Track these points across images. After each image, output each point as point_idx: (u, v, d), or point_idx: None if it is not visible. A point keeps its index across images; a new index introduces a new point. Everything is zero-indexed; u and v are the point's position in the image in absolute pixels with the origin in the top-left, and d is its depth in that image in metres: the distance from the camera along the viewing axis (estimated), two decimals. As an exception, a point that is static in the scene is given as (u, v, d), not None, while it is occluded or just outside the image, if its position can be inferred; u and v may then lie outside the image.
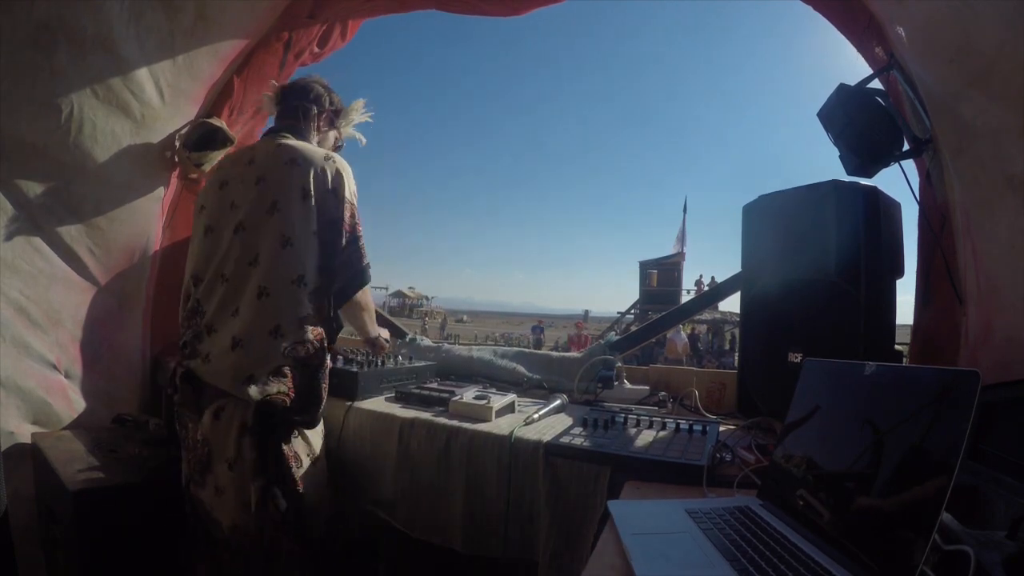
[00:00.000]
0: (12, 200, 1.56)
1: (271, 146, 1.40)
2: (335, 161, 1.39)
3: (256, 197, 1.33)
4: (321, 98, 1.53)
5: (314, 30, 1.98)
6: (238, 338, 1.25)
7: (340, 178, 1.37)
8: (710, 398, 1.62)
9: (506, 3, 1.89)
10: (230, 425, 1.25)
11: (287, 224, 1.30)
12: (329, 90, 1.57)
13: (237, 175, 1.39)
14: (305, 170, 1.34)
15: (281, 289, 1.27)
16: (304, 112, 1.49)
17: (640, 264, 18.13)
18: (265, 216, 1.31)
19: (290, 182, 1.32)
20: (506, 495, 1.23)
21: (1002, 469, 0.92)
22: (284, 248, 1.29)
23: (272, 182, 1.33)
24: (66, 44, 1.48)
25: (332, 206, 1.35)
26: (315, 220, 1.32)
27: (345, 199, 1.37)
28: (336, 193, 1.36)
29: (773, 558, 0.69)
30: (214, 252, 1.34)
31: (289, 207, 1.31)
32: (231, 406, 1.25)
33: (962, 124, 1.09)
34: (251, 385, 1.21)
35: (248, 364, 1.23)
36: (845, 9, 1.46)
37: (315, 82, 1.56)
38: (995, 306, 1.11)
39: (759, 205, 1.41)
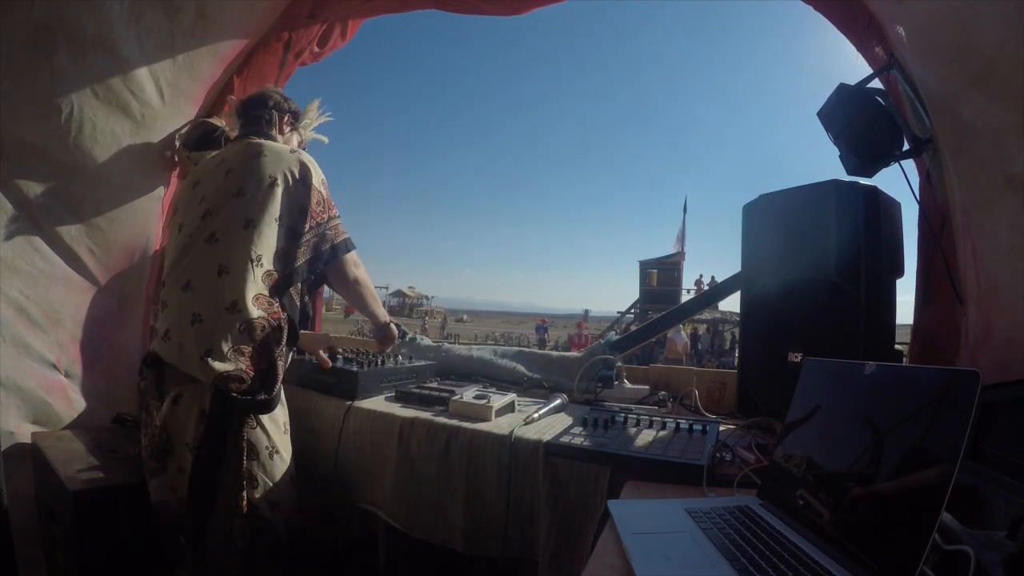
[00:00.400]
0: (12, 200, 1.56)
1: (240, 145, 1.47)
2: (299, 154, 1.45)
3: (223, 186, 1.38)
4: (280, 104, 1.60)
5: (314, 30, 1.98)
6: (198, 314, 1.27)
7: (306, 168, 1.42)
8: (710, 398, 1.62)
9: (506, 3, 1.89)
10: (189, 411, 1.26)
11: (250, 207, 1.34)
12: (284, 96, 1.63)
13: (208, 174, 1.46)
14: (272, 160, 1.39)
15: (240, 267, 1.30)
16: (267, 119, 1.56)
17: (640, 264, 18.13)
18: (230, 200, 1.35)
19: (257, 172, 1.37)
20: (506, 495, 1.23)
21: (1002, 469, 0.92)
22: (245, 228, 1.32)
23: (239, 172, 1.39)
24: (66, 44, 1.48)
25: (301, 194, 1.40)
26: (279, 207, 1.36)
27: (313, 186, 1.41)
28: (304, 182, 1.41)
29: (773, 558, 0.69)
30: (180, 240, 1.39)
31: (254, 192, 1.35)
32: (189, 392, 1.26)
33: (962, 124, 1.09)
34: (210, 361, 1.23)
35: (206, 339, 1.25)
36: (845, 9, 1.46)
37: (270, 91, 1.63)
38: (995, 306, 1.11)
39: (759, 205, 1.41)
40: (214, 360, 1.24)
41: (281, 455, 1.36)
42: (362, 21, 2.08)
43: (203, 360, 1.23)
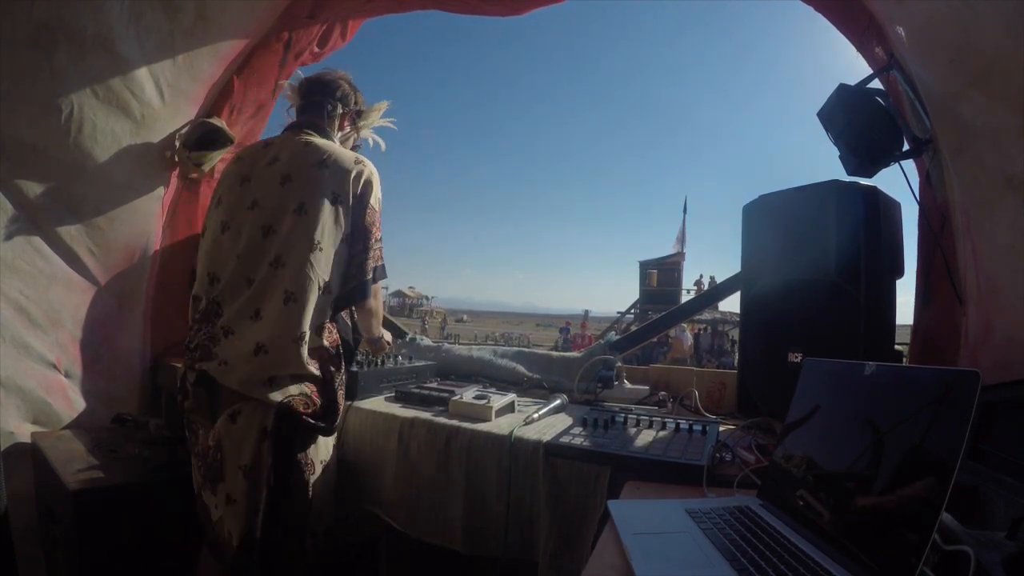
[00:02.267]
0: (12, 200, 1.56)
1: (297, 144, 1.35)
2: (365, 166, 1.36)
3: (282, 198, 1.28)
4: (347, 97, 1.49)
5: (314, 30, 1.98)
6: (263, 344, 1.20)
7: (369, 184, 1.34)
8: (710, 398, 1.62)
9: (506, 3, 1.89)
10: (248, 429, 1.20)
11: (316, 228, 1.25)
12: (355, 88, 1.53)
13: (260, 172, 1.34)
14: (335, 173, 1.30)
15: (309, 295, 1.23)
16: (329, 111, 1.45)
17: (640, 264, 18.13)
18: (293, 218, 1.26)
19: (319, 185, 1.28)
20: (506, 495, 1.23)
21: (1002, 469, 0.92)
22: (312, 253, 1.24)
23: (299, 183, 1.29)
24: (66, 44, 1.48)
25: (359, 212, 1.32)
26: (343, 225, 1.30)
27: (370, 205, 1.34)
28: (363, 199, 1.33)
29: (773, 558, 0.69)
30: (233, 251, 1.29)
31: (318, 211, 1.26)
32: (249, 409, 1.20)
33: (962, 124, 1.09)
34: (272, 388, 1.19)
35: (270, 368, 1.20)
36: (845, 9, 1.46)
37: (341, 79, 1.50)
38: (995, 306, 1.11)
39: (759, 205, 1.41)
40: (277, 388, 1.19)
41: (331, 468, 1.36)
42: (362, 21, 2.08)
43: (263, 387, 1.19)
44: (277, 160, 1.34)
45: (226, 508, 1.22)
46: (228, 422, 1.21)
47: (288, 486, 1.23)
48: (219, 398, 1.23)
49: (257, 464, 1.20)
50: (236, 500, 1.21)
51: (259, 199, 1.31)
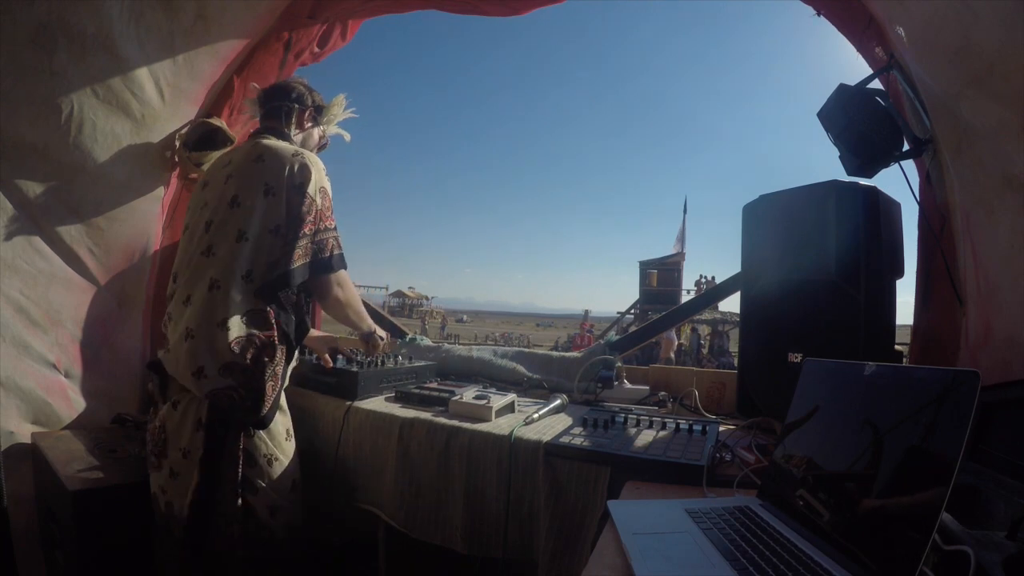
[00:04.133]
0: (12, 200, 1.56)
1: (247, 146, 1.44)
2: (303, 156, 1.39)
3: (222, 194, 1.36)
4: (303, 96, 1.54)
5: (314, 30, 1.98)
6: (190, 328, 1.28)
7: (305, 173, 1.36)
8: (710, 398, 1.62)
9: (506, 3, 1.89)
10: (185, 417, 1.28)
11: (244, 219, 1.31)
12: (310, 89, 1.58)
13: (215, 175, 1.44)
14: (270, 166, 1.35)
15: (231, 283, 1.29)
16: (286, 112, 1.51)
17: (640, 264, 18.13)
18: (227, 210, 1.33)
19: (254, 178, 1.34)
20: (506, 495, 1.23)
21: (1002, 469, 0.92)
22: (238, 242, 1.30)
23: (238, 178, 1.36)
24: (66, 44, 1.48)
25: (296, 202, 1.35)
26: (274, 216, 1.33)
27: (307, 194, 1.36)
28: (300, 189, 1.35)
29: (773, 558, 0.69)
30: (188, 249, 1.39)
31: (249, 202, 1.32)
32: (186, 400, 1.29)
33: (962, 124, 1.09)
34: (200, 379, 1.25)
35: (198, 356, 1.25)
36: (845, 9, 1.46)
37: (295, 82, 1.58)
38: (995, 306, 1.11)
39: (759, 205, 1.41)
40: (203, 377, 1.25)
41: (281, 461, 1.37)
42: (362, 21, 2.08)
43: (194, 377, 1.25)
44: (229, 163, 1.43)
45: (169, 481, 1.29)
46: (171, 408, 1.31)
47: (219, 476, 1.27)
48: (168, 385, 1.34)
49: (193, 448, 1.27)
50: (178, 474, 1.29)
51: (208, 199, 1.40)
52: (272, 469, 1.34)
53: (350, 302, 1.52)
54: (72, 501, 1.29)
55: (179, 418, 1.29)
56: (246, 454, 1.30)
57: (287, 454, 1.39)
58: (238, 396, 1.26)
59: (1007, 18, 0.85)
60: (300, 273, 1.34)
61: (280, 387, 1.36)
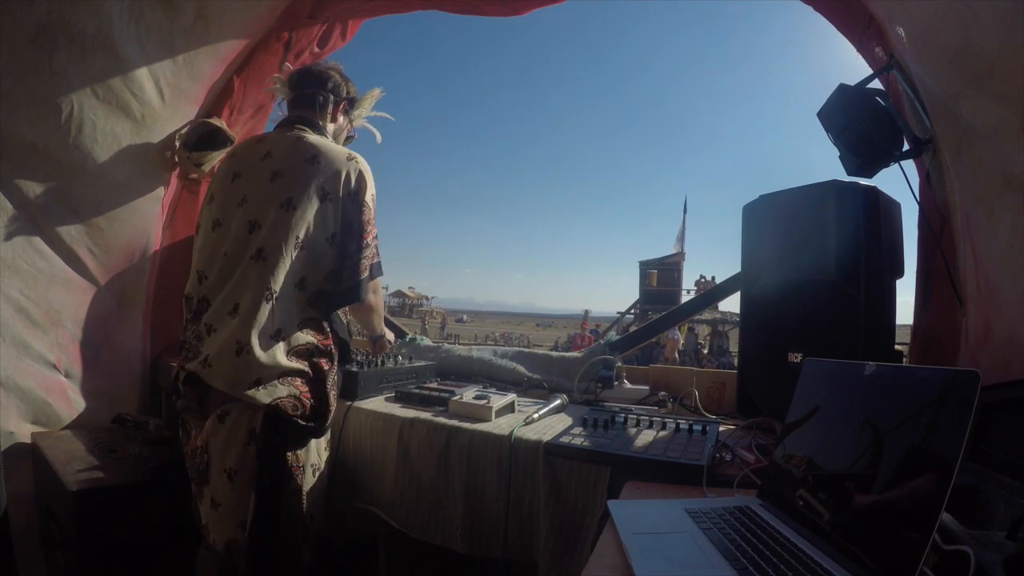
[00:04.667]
0: (12, 200, 1.56)
1: (288, 140, 1.33)
2: (358, 162, 1.34)
3: (270, 193, 1.26)
4: (339, 87, 1.47)
5: (314, 30, 1.98)
6: (243, 342, 1.17)
7: (362, 181, 1.32)
8: (710, 398, 1.62)
9: (506, 3, 1.89)
10: (235, 431, 1.17)
11: (301, 223, 1.24)
12: (346, 79, 1.50)
13: (251, 168, 1.32)
14: (326, 169, 1.28)
15: (286, 291, 1.22)
16: (321, 103, 1.43)
17: (640, 264, 18.14)
18: (279, 211, 1.23)
19: (308, 180, 1.26)
20: (506, 495, 1.23)
21: (1002, 469, 0.92)
22: (296, 250, 1.23)
23: (289, 178, 1.27)
24: (66, 44, 1.48)
25: (352, 210, 1.30)
26: (331, 223, 1.28)
27: (364, 203, 1.31)
28: (357, 197, 1.30)
29: (773, 558, 0.69)
30: (221, 248, 1.27)
31: (305, 206, 1.24)
32: (237, 411, 1.18)
33: (962, 124, 1.09)
34: (259, 389, 1.15)
35: (254, 368, 1.16)
36: (845, 9, 1.46)
37: (332, 69, 1.49)
38: (995, 306, 1.11)
39: (759, 205, 1.41)
40: (263, 389, 1.16)
41: (322, 470, 1.34)
42: (362, 21, 2.08)
43: (253, 388, 1.16)
44: (269, 156, 1.31)
45: (211, 512, 1.20)
46: (216, 422, 1.19)
47: (280, 489, 1.21)
48: (208, 398, 1.21)
49: (242, 467, 1.17)
50: (220, 504, 1.19)
51: (248, 195, 1.29)
52: (315, 479, 1.31)
53: (378, 307, 1.51)
54: (72, 501, 1.29)
55: (228, 432, 1.18)
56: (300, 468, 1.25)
57: (323, 459, 1.36)
58: (304, 406, 1.20)
59: (1007, 18, 0.85)
60: (365, 284, 1.31)
61: (336, 395, 1.31)
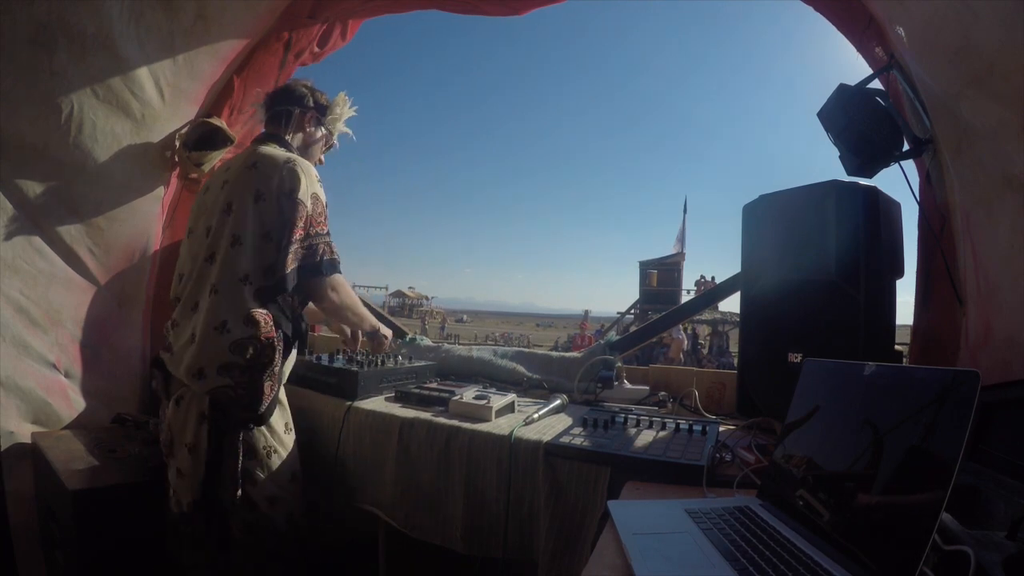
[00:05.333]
0: (12, 200, 1.56)
1: (245, 153, 1.49)
2: (294, 163, 1.41)
3: (219, 199, 1.41)
4: (304, 98, 1.57)
5: (314, 30, 1.98)
6: (194, 333, 1.33)
7: (295, 179, 1.39)
8: (710, 398, 1.62)
9: (506, 3, 1.89)
10: (188, 413, 1.33)
11: (237, 224, 1.36)
12: (313, 90, 1.60)
13: (214, 181, 1.48)
14: (261, 172, 1.39)
15: (228, 287, 1.33)
16: (287, 116, 1.54)
17: (640, 264, 18.14)
18: (222, 217, 1.38)
19: (247, 184, 1.38)
20: (506, 495, 1.23)
21: (1002, 469, 0.92)
22: (233, 247, 1.35)
23: (232, 185, 1.40)
24: (66, 44, 1.48)
25: (286, 207, 1.38)
26: (265, 221, 1.37)
27: (297, 200, 1.38)
28: (290, 195, 1.38)
29: (773, 558, 0.69)
30: (191, 252, 1.44)
31: (241, 208, 1.37)
32: (189, 395, 1.34)
33: (962, 124, 1.09)
34: (200, 379, 1.30)
35: (199, 358, 1.30)
36: (845, 9, 1.46)
37: (299, 84, 1.61)
38: (995, 306, 1.11)
39: (759, 205, 1.41)
40: (203, 378, 1.30)
41: (280, 453, 1.41)
42: (362, 21, 2.08)
43: (194, 378, 1.30)
44: (228, 169, 1.47)
45: (176, 480, 1.35)
46: (175, 405, 1.36)
47: (221, 468, 1.33)
48: (171, 382, 1.39)
49: (198, 443, 1.32)
50: (183, 474, 1.33)
51: (208, 204, 1.45)
52: (271, 461, 1.39)
53: (347, 305, 1.54)
54: (72, 501, 1.29)
55: (183, 414, 1.34)
56: (246, 446, 1.35)
57: (286, 446, 1.43)
58: (235, 395, 1.31)
59: (1007, 18, 0.85)
60: (293, 277, 1.38)
61: (278, 386, 1.41)
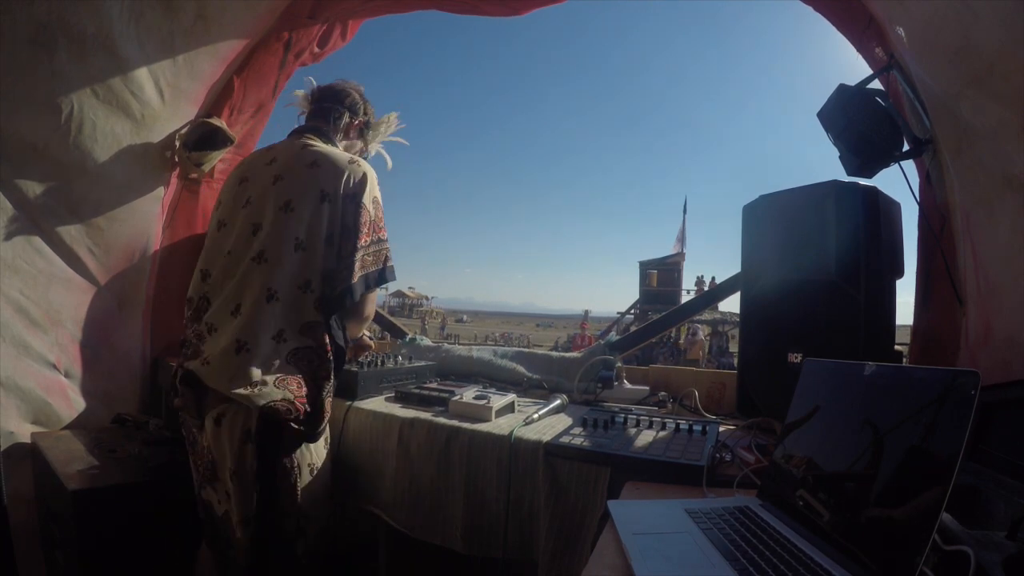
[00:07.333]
0: (12, 200, 1.56)
1: (295, 146, 1.37)
2: (359, 165, 1.34)
3: (272, 195, 1.29)
4: (356, 106, 1.50)
5: (314, 30, 1.98)
6: (243, 341, 1.19)
7: (363, 183, 1.32)
8: (710, 398, 1.62)
9: (506, 3, 1.89)
10: (232, 432, 1.19)
11: (300, 225, 1.26)
12: (365, 99, 1.54)
13: (257, 172, 1.37)
14: (326, 172, 1.30)
15: (288, 293, 1.23)
16: (336, 116, 1.46)
17: (640, 264, 18.17)
18: (279, 214, 1.27)
19: (308, 183, 1.29)
20: (506, 495, 1.23)
21: (1002, 469, 0.92)
22: (296, 251, 1.25)
23: (290, 181, 1.30)
24: (66, 44, 1.48)
25: (350, 212, 1.30)
26: (328, 225, 1.28)
27: (362, 204, 1.30)
28: (355, 199, 1.30)
29: (773, 558, 0.69)
30: (223, 247, 1.31)
31: (304, 208, 1.27)
32: (232, 412, 1.19)
33: (962, 124, 1.09)
34: (254, 391, 1.16)
35: (252, 369, 1.17)
36: (845, 9, 1.46)
37: (353, 88, 1.52)
38: (995, 306, 1.11)
39: (759, 205, 1.41)
40: (258, 390, 1.16)
41: (319, 468, 1.33)
42: (362, 21, 2.08)
43: (249, 389, 1.16)
44: (274, 161, 1.36)
45: (227, 502, 1.23)
46: (214, 425, 1.21)
47: (275, 489, 1.21)
48: (205, 398, 1.22)
49: (241, 468, 1.19)
50: (232, 495, 1.22)
51: (252, 197, 1.33)
52: (314, 479, 1.30)
53: (369, 318, 1.48)
54: (72, 501, 1.29)
55: (225, 433, 1.20)
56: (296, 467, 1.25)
57: (324, 461, 1.35)
58: (297, 411, 1.20)
59: (1007, 18, 0.85)
60: (360, 286, 1.29)
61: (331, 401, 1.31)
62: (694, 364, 10.74)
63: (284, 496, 1.23)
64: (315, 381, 1.25)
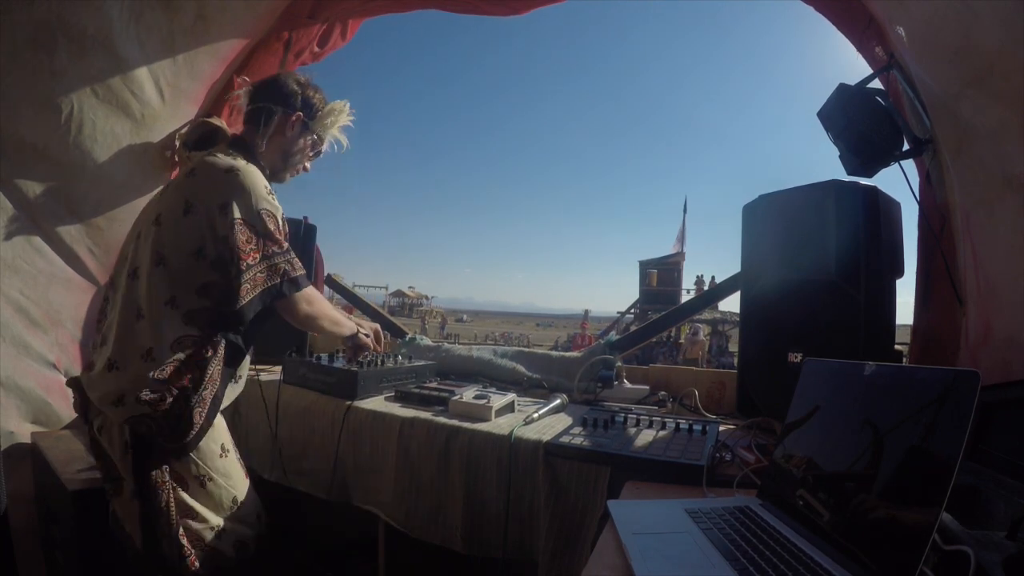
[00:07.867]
0: (12, 200, 1.56)
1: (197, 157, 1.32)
2: (236, 173, 1.23)
3: (153, 207, 1.27)
4: (291, 97, 1.37)
5: (314, 30, 1.98)
6: (112, 360, 1.17)
7: (233, 192, 1.21)
8: (710, 398, 1.62)
9: (506, 3, 1.89)
10: (112, 443, 1.19)
11: (161, 240, 1.20)
12: (305, 86, 1.40)
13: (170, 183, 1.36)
14: (198, 182, 1.23)
15: (153, 310, 1.17)
16: (266, 116, 1.35)
17: (640, 264, 18.16)
18: (149, 229, 1.22)
19: (180, 195, 1.22)
20: (506, 495, 1.23)
21: (1002, 469, 0.92)
22: (156, 266, 1.19)
23: (168, 194, 1.27)
24: (66, 44, 1.48)
25: (220, 223, 1.19)
26: (197, 239, 1.20)
27: (237, 219, 1.19)
28: (224, 209, 1.19)
29: (773, 558, 0.69)
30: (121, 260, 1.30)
31: (168, 221, 1.21)
32: (108, 424, 1.19)
33: (962, 124, 1.09)
34: (119, 405, 1.14)
35: (120, 385, 1.15)
36: (845, 9, 1.46)
37: (290, 78, 1.40)
38: (995, 306, 1.11)
39: (759, 205, 1.41)
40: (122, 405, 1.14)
41: (216, 481, 1.25)
42: (362, 21, 2.08)
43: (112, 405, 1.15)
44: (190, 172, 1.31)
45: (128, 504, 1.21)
46: (96, 433, 1.22)
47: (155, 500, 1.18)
48: (88, 407, 1.23)
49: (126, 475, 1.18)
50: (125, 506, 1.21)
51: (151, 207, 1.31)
52: (207, 490, 1.24)
53: (322, 314, 1.38)
54: (72, 501, 1.29)
55: (107, 444, 1.20)
56: (175, 475, 1.20)
57: (221, 471, 1.27)
58: (156, 425, 1.15)
59: (1007, 18, 0.85)
60: (252, 307, 1.21)
61: (211, 411, 1.23)
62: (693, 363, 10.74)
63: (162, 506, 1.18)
64: (182, 394, 1.18)
